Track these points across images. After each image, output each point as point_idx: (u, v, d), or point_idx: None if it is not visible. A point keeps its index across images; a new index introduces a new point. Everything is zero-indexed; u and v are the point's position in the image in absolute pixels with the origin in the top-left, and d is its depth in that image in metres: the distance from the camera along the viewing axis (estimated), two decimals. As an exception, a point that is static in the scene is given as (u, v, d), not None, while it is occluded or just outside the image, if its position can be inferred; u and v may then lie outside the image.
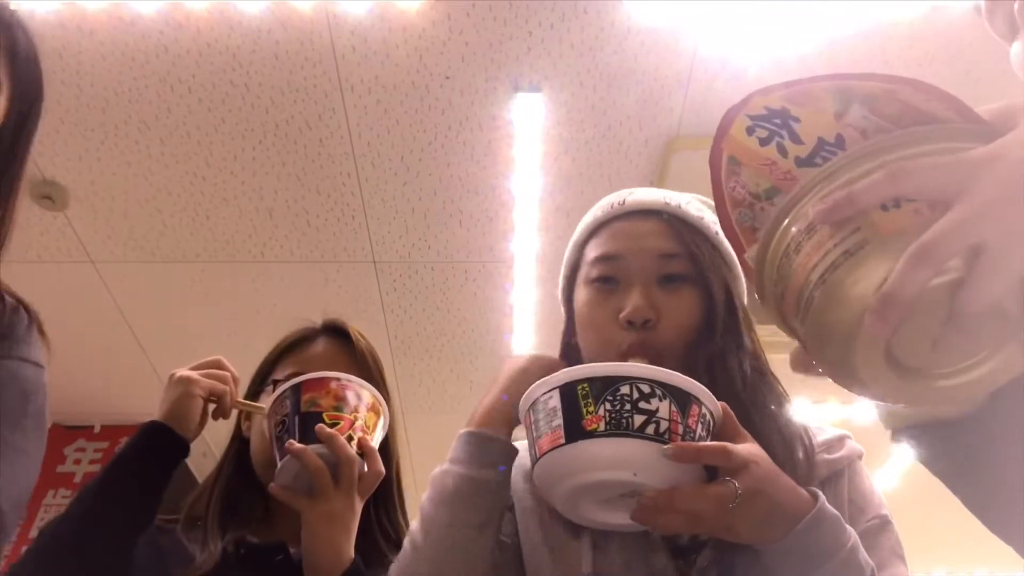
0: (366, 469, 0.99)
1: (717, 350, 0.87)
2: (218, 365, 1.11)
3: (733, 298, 0.91)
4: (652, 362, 0.86)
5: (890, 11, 2.07)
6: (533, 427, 0.73)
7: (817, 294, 0.49)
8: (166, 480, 1.03)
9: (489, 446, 0.85)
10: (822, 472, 0.86)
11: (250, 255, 2.87)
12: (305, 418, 0.99)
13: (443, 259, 2.89)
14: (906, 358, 0.48)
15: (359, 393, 1.03)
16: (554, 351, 1.02)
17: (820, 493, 0.72)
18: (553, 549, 0.88)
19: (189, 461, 1.08)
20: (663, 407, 0.68)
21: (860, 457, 0.90)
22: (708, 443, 0.69)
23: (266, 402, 1.07)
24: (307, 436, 0.97)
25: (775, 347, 0.96)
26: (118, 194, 2.61)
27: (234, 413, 1.12)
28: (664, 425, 0.67)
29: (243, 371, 1.21)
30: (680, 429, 0.68)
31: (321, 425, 0.97)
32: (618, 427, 0.67)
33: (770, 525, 0.69)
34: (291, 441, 0.96)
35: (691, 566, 0.82)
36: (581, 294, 0.95)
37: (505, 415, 0.86)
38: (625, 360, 0.86)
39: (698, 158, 2.53)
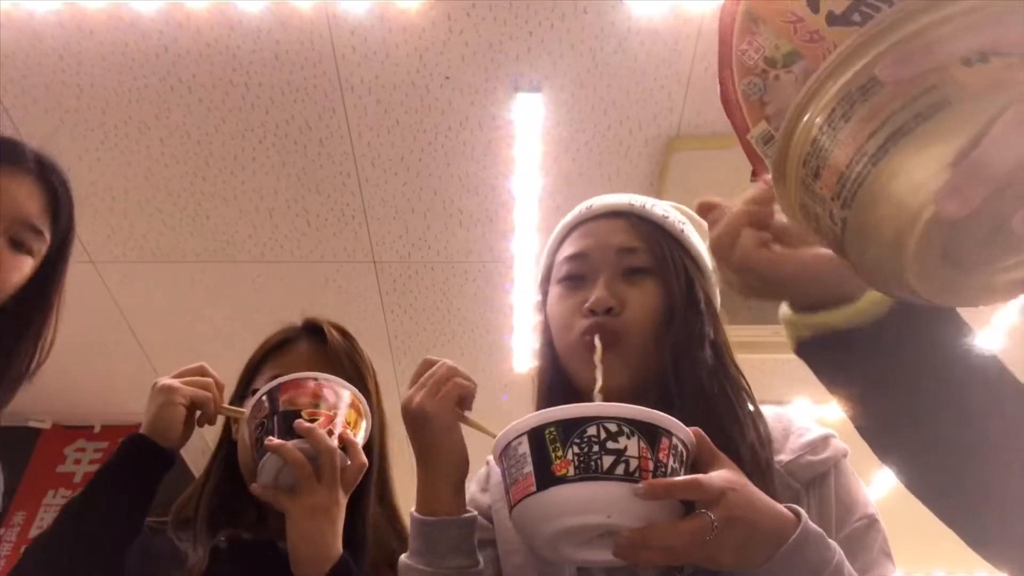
0: (348, 462, 0.98)
1: (679, 340, 0.89)
2: (201, 372, 1.09)
3: (696, 291, 0.93)
4: (612, 344, 0.88)
5: (890, 11, 2.07)
6: (506, 474, 0.73)
7: (874, 167, 0.41)
8: (151, 492, 1.02)
9: (444, 533, 0.83)
10: (807, 474, 0.87)
11: (250, 255, 2.87)
12: (284, 416, 0.98)
13: (443, 259, 2.89)
14: (956, 249, 0.41)
15: (338, 392, 1.02)
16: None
17: (803, 512, 0.71)
18: (536, 570, 0.88)
19: (187, 458, 1.08)
20: (631, 444, 0.67)
21: (845, 455, 0.90)
22: (679, 479, 0.68)
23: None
24: (286, 433, 0.96)
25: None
26: (118, 194, 2.61)
27: (222, 418, 1.12)
28: (634, 463, 0.66)
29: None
30: (651, 465, 0.67)
31: (300, 420, 0.96)
32: (588, 470, 0.66)
33: (752, 551, 0.68)
34: (270, 438, 0.96)
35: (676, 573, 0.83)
36: (552, 293, 0.99)
37: (450, 482, 0.85)
38: (584, 339, 0.89)
39: (698, 158, 2.54)
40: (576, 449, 0.67)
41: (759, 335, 3.08)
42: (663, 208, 0.99)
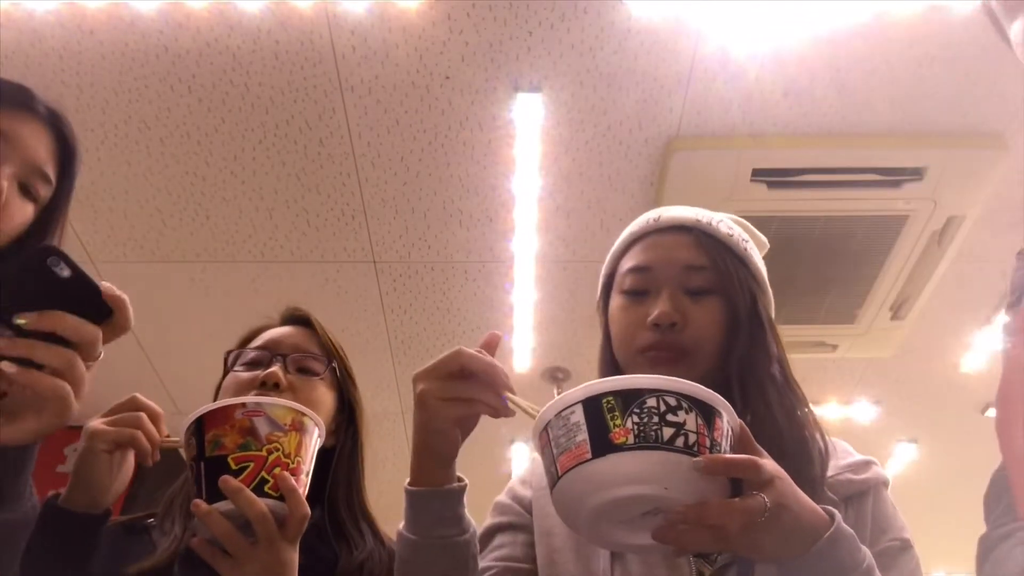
0: (288, 512, 0.87)
1: (746, 356, 0.91)
2: (132, 405, 1.00)
3: (759, 308, 0.96)
4: (675, 360, 0.90)
5: (890, 11, 2.07)
6: (552, 445, 0.70)
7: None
8: (84, 560, 0.94)
9: (428, 504, 0.82)
10: (847, 490, 0.90)
11: (250, 255, 2.87)
12: (211, 466, 0.87)
13: (443, 259, 2.89)
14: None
15: (272, 417, 0.89)
16: (552, 351, 1.04)
17: (836, 512, 0.73)
18: (573, 549, 0.90)
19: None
20: (690, 420, 0.66)
21: (886, 485, 0.93)
22: (738, 456, 0.69)
23: None
24: (214, 489, 0.86)
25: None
26: (118, 194, 2.61)
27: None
28: (692, 438, 0.66)
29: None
30: (707, 442, 0.66)
31: (226, 476, 0.85)
32: (647, 440, 0.65)
33: (792, 541, 0.69)
34: (196, 502, 0.86)
35: (711, 564, 0.84)
36: (615, 302, 1.00)
37: (437, 456, 0.82)
38: (646, 355, 0.90)
39: (698, 158, 2.54)
40: (636, 419, 0.66)
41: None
42: (728, 225, 1.01)
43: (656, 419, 0.66)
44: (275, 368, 1.08)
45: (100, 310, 0.76)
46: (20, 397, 0.73)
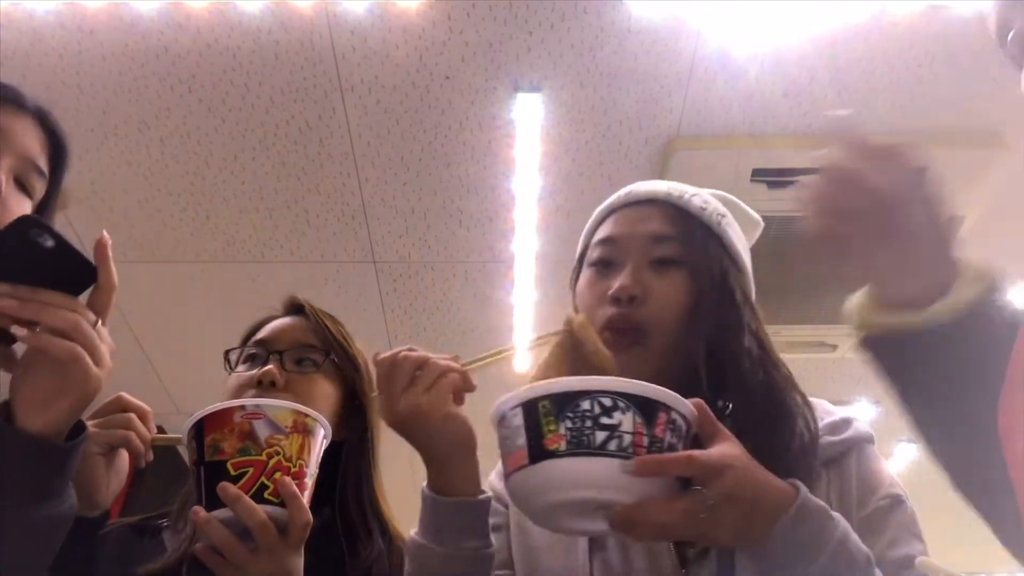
0: (289, 519, 0.85)
1: (715, 331, 0.88)
2: (119, 405, 0.99)
3: (730, 282, 0.92)
4: (632, 342, 0.87)
5: (890, 11, 2.07)
6: (502, 444, 0.72)
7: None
8: (81, 562, 0.92)
9: (459, 515, 0.81)
10: (826, 453, 0.86)
11: (250, 255, 2.87)
12: (210, 471, 0.85)
13: (443, 259, 2.89)
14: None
15: (272, 419, 0.86)
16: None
17: (802, 486, 0.70)
18: (549, 547, 0.88)
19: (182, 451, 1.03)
20: (626, 420, 0.65)
21: (869, 441, 0.89)
22: (671, 455, 0.66)
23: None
24: (213, 495, 0.84)
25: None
26: (118, 194, 2.61)
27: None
28: (627, 439, 0.65)
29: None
30: (645, 441, 0.65)
31: (224, 484, 0.83)
32: (579, 446, 0.65)
33: (750, 528, 0.67)
34: (195, 509, 0.84)
35: (692, 548, 0.82)
36: (583, 277, 0.98)
37: (461, 464, 0.82)
38: (602, 334, 0.88)
39: (698, 158, 2.54)
40: (569, 423, 0.66)
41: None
42: (703, 198, 0.97)
43: (589, 423, 0.65)
44: (271, 366, 1.06)
45: (86, 276, 0.75)
46: (37, 370, 0.73)
